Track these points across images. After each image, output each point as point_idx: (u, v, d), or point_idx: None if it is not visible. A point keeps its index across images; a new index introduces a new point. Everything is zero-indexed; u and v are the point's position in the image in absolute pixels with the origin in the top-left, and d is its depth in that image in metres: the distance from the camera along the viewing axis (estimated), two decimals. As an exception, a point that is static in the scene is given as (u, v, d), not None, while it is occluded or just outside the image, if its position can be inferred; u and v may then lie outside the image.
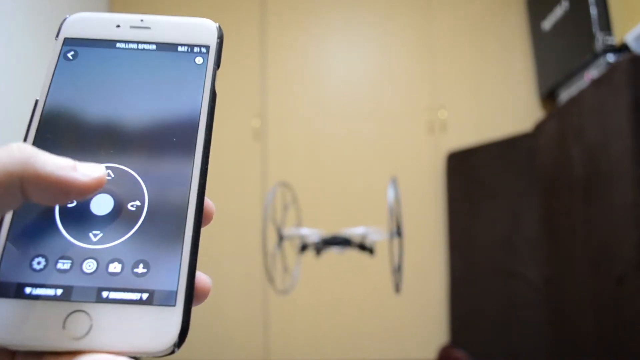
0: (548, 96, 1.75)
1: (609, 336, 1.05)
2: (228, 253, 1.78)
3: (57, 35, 0.25)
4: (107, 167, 0.21)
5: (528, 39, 1.85)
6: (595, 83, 1.18)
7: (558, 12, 1.60)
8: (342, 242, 1.02)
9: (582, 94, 1.23)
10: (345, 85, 1.90)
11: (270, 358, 1.73)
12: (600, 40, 1.36)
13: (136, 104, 0.23)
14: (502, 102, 1.84)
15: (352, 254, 1.77)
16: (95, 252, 0.20)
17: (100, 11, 1.98)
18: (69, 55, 0.24)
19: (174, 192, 0.21)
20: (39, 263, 0.20)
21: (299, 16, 1.96)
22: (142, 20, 0.26)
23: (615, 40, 1.35)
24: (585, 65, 1.45)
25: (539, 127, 1.47)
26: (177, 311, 0.19)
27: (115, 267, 0.20)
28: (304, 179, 1.84)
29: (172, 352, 0.19)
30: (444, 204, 1.79)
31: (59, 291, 0.19)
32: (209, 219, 0.22)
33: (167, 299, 0.19)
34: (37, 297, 0.19)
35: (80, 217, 0.21)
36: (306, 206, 1.82)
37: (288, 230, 1.05)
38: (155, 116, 0.23)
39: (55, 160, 0.18)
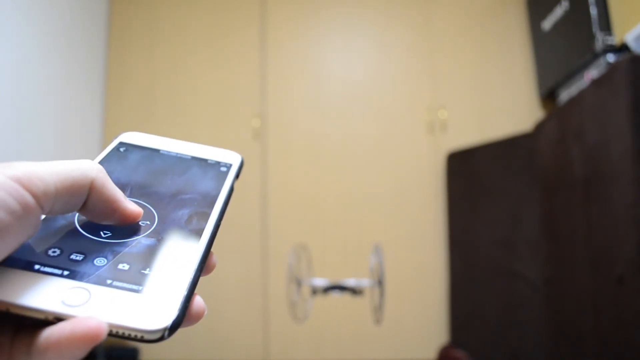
0: (548, 96, 1.75)
1: (609, 336, 1.05)
2: (228, 253, 1.78)
3: (112, 141, 0.30)
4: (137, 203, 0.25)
5: (528, 39, 1.85)
6: (595, 83, 1.18)
7: (558, 12, 1.60)
8: (340, 288, 1.38)
9: (582, 94, 1.23)
10: (345, 86, 1.90)
11: (270, 358, 1.73)
12: (600, 40, 1.36)
13: (167, 181, 0.28)
14: (502, 102, 1.84)
15: (357, 252, 1.77)
16: (108, 254, 0.22)
17: (99, 9, 1.98)
18: (121, 149, 0.30)
19: (189, 230, 0.25)
20: (54, 252, 0.22)
21: (299, 16, 1.96)
22: (183, 145, 0.32)
23: (615, 40, 1.35)
24: (585, 65, 1.45)
25: (539, 127, 1.47)
26: (175, 303, 0.21)
27: (124, 266, 0.22)
28: (304, 179, 1.84)
29: (162, 338, 0.20)
30: (444, 204, 1.79)
31: (66, 272, 0.21)
32: (211, 269, 0.26)
33: (166, 294, 0.21)
34: (43, 273, 0.20)
35: (97, 228, 0.24)
36: (306, 205, 1.82)
37: (305, 281, 1.42)
38: (181, 189, 0.28)
39: (115, 186, 0.23)
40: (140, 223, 0.24)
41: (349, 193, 1.81)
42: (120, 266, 0.22)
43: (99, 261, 0.22)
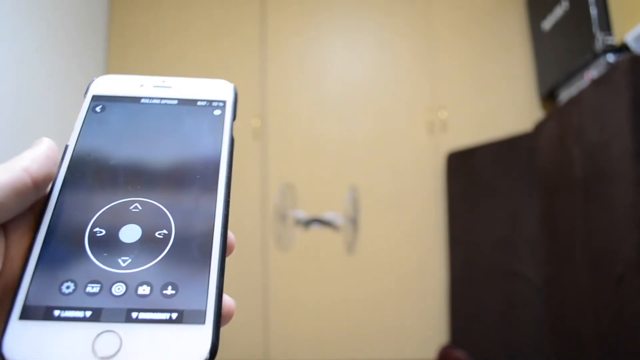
0: (548, 96, 1.75)
1: (609, 336, 1.05)
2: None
3: (86, 94, 0.27)
4: (135, 201, 0.23)
5: (528, 39, 1.85)
6: (595, 83, 1.18)
7: (558, 12, 1.60)
8: (319, 221, 1.49)
9: (582, 94, 1.23)
10: (345, 85, 1.90)
11: (270, 358, 1.73)
12: (600, 40, 1.36)
13: (160, 148, 0.25)
14: (502, 102, 1.84)
15: (357, 252, 1.77)
16: (124, 276, 0.20)
17: (100, 9, 1.98)
18: (97, 109, 0.26)
19: (200, 222, 0.22)
20: (67, 287, 0.20)
21: (299, 16, 1.96)
22: (163, 81, 0.28)
23: (615, 40, 1.35)
24: (585, 65, 1.45)
25: (539, 127, 1.47)
26: (207, 329, 0.19)
27: (144, 289, 0.20)
28: (304, 179, 1.84)
29: None
30: (444, 204, 1.79)
31: (88, 313, 0.19)
32: (231, 251, 0.24)
33: (196, 318, 0.20)
34: (66, 319, 0.19)
35: (109, 245, 0.21)
36: (306, 205, 1.82)
37: (289, 213, 1.58)
38: (178, 157, 0.25)
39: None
40: (157, 235, 0.22)
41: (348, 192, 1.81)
42: (140, 290, 0.20)
43: (117, 289, 0.20)
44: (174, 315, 0.19)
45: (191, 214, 0.23)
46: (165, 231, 0.22)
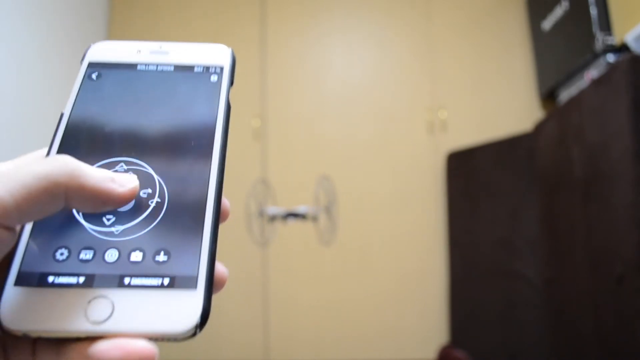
0: (548, 96, 1.75)
1: (609, 336, 1.05)
2: (228, 253, 1.78)
3: (82, 60, 0.27)
4: (130, 168, 0.23)
5: (528, 39, 1.85)
6: (595, 83, 1.18)
7: (558, 12, 1.60)
8: (293, 215, 1.54)
9: (582, 94, 1.23)
10: (346, 86, 1.90)
11: (270, 358, 1.73)
12: (600, 40, 1.36)
13: (156, 115, 0.25)
14: (502, 102, 1.84)
15: (357, 252, 1.77)
16: (117, 243, 0.21)
17: (99, 12, 1.98)
18: (93, 76, 0.27)
19: (193, 188, 0.23)
20: (62, 254, 0.20)
21: (299, 16, 1.96)
22: (160, 47, 0.28)
23: (615, 40, 1.35)
24: (585, 65, 1.45)
25: (539, 127, 1.47)
26: (199, 294, 0.20)
27: (136, 256, 0.20)
28: (304, 179, 1.84)
29: (194, 335, 0.19)
30: (444, 204, 1.79)
31: (81, 279, 0.20)
32: (226, 217, 0.24)
33: (188, 283, 0.20)
34: (60, 285, 0.19)
35: (102, 212, 0.22)
36: (306, 205, 1.82)
37: (267, 210, 1.63)
38: (173, 124, 0.25)
39: (96, 173, 0.20)
40: (141, 194, 0.22)
41: (349, 193, 1.81)
42: (133, 257, 0.20)
43: (110, 255, 0.20)
44: (166, 281, 0.20)
45: (185, 180, 0.23)
46: (158, 198, 0.22)
